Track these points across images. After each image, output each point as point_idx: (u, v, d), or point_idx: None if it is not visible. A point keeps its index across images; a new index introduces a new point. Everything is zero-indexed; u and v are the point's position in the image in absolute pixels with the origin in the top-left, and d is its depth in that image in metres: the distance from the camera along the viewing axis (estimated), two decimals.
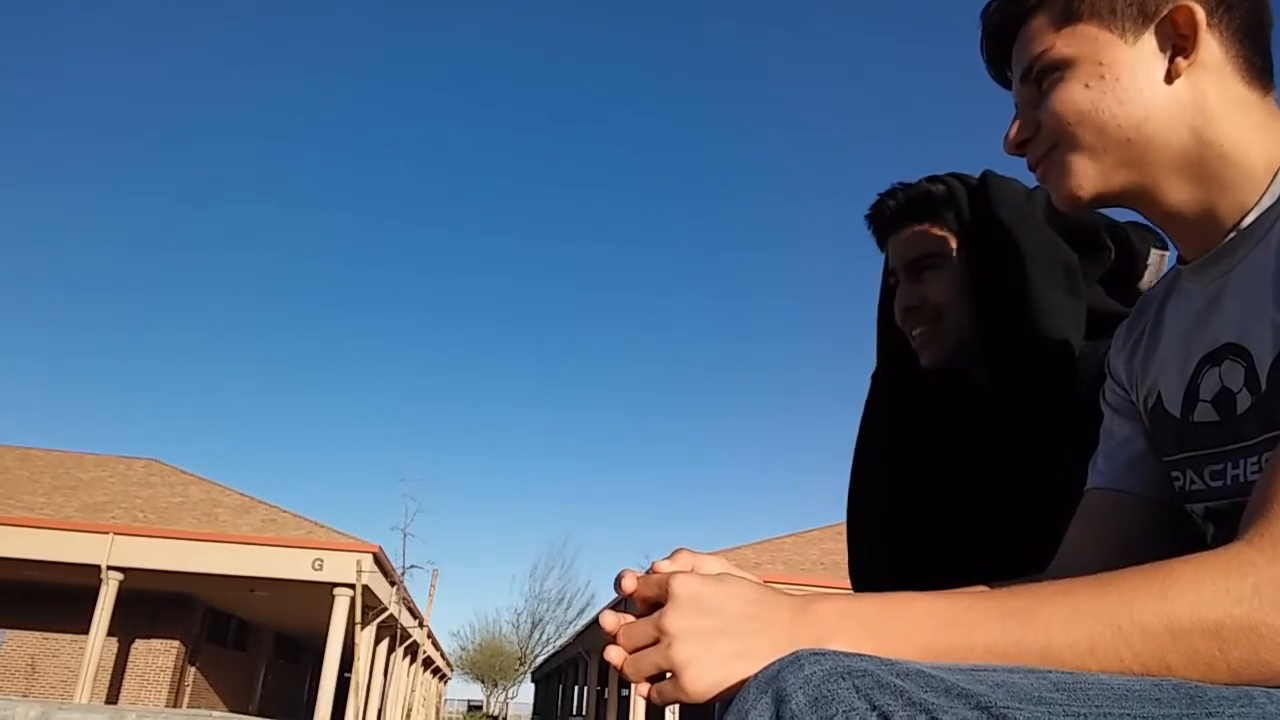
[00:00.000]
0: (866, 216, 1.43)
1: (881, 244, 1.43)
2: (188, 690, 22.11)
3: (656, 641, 0.64)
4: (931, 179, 1.37)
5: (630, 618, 0.68)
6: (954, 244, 1.34)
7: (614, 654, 0.67)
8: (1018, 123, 0.89)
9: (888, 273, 1.43)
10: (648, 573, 0.71)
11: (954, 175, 1.37)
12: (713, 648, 0.62)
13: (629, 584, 0.70)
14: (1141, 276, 1.33)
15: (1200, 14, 0.78)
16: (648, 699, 0.65)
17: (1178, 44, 0.79)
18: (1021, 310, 1.25)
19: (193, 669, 22.38)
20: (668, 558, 0.73)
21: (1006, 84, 0.94)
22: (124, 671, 20.91)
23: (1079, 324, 1.25)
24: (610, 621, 0.68)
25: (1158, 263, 1.32)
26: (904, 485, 1.42)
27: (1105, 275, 1.33)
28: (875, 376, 1.50)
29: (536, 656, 40.37)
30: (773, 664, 0.55)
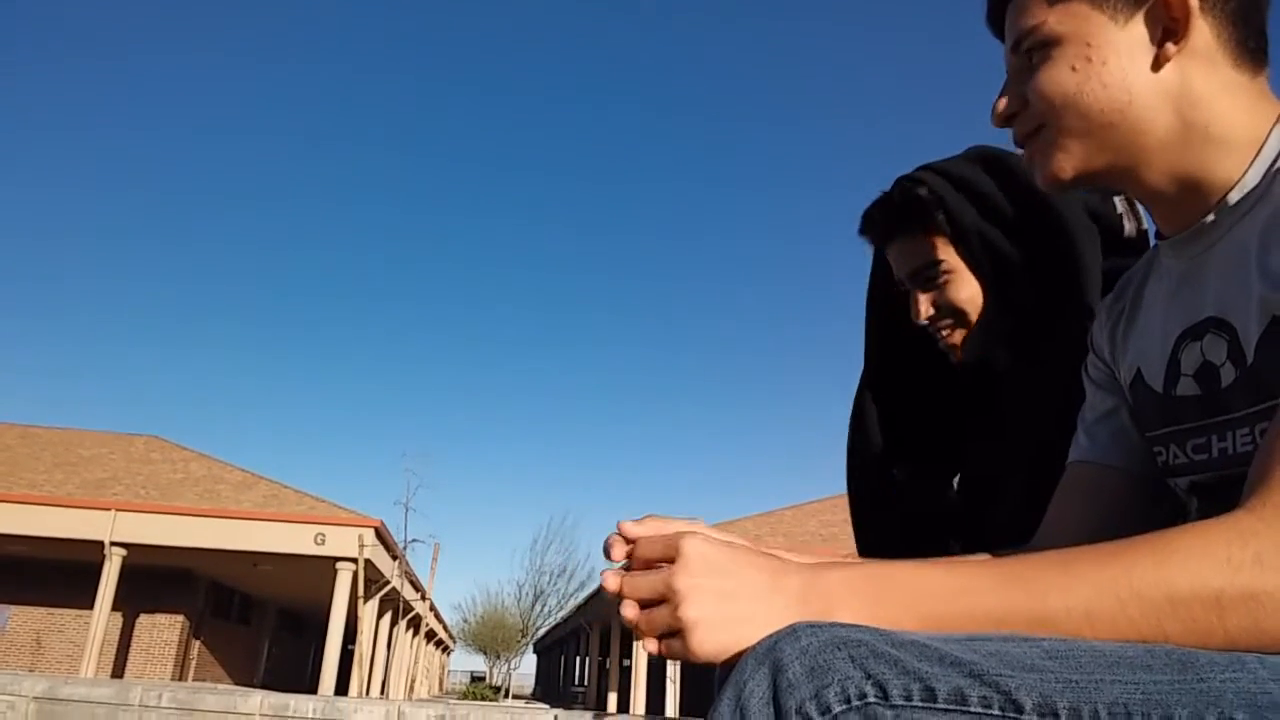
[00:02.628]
0: (859, 232, 1.40)
1: (877, 250, 1.42)
2: (192, 664, 22.31)
3: (666, 600, 0.64)
4: (914, 178, 1.33)
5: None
6: (953, 244, 1.31)
7: (629, 611, 0.67)
8: (1005, 97, 0.89)
9: (890, 279, 1.40)
10: (613, 534, 0.72)
11: (945, 163, 1.34)
12: (721, 609, 0.62)
13: (619, 553, 0.71)
14: (1122, 227, 1.30)
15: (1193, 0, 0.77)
16: (658, 654, 0.66)
17: (1168, 28, 0.78)
18: (1071, 291, 1.22)
19: (197, 643, 22.57)
20: (636, 521, 0.73)
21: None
22: (129, 646, 21.09)
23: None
24: (613, 583, 0.68)
25: (1126, 207, 1.31)
26: (902, 476, 1.42)
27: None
28: (863, 380, 1.49)
29: (539, 628, 40.63)
30: (769, 636, 0.56)
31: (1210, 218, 0.80)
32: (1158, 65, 0.79)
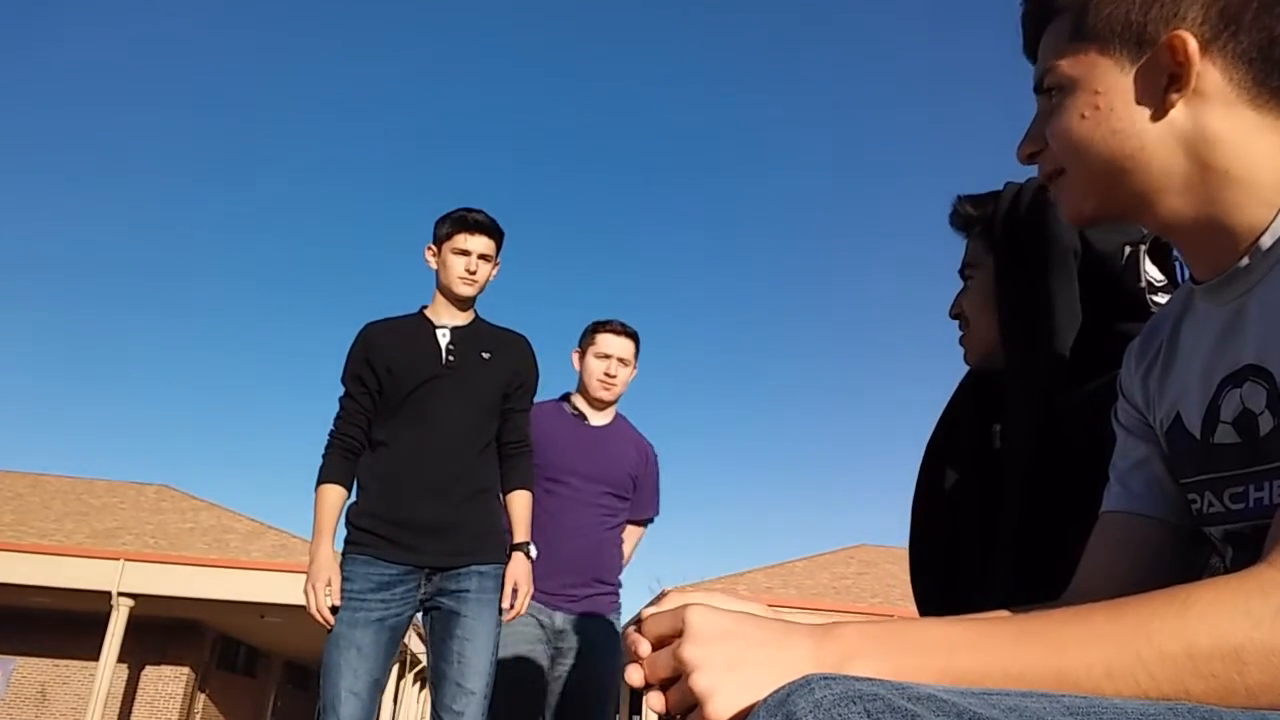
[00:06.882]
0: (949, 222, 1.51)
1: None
2: (197, 717, 22.04)
3: (679, 674, 0.63)
4: (1013, 184, 1.40)
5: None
6: (986, 256, 1.39)
7: (655, 700, 0.65)
8: (1028, 137, 0.91)
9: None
10: (630, 630, 0.70)
11: (1017, 184, 1.38)
12: (734, 675, 0.61)
13: (644, 650, 0.68)
14: (1120, 275, 1.29)
15: (1193, 45, 0.76)
16: None
17: (1173, 73, 0.78)
18: (1039, 334, 1.25)
19: (202, 695, 22.32)
20: (651, 603, 0.72)
21: None
22: (134, 698, 20.86)
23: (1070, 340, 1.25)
24: (637, 676, 0.67)
25: (1139, 257, 1.30)
26: (976, 487, 1.40)
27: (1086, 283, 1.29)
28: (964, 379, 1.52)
29: None
30: (782, 688, 0.55)
31: (1245, 261, 0.79)
32: (1164, 112, 0.78)
